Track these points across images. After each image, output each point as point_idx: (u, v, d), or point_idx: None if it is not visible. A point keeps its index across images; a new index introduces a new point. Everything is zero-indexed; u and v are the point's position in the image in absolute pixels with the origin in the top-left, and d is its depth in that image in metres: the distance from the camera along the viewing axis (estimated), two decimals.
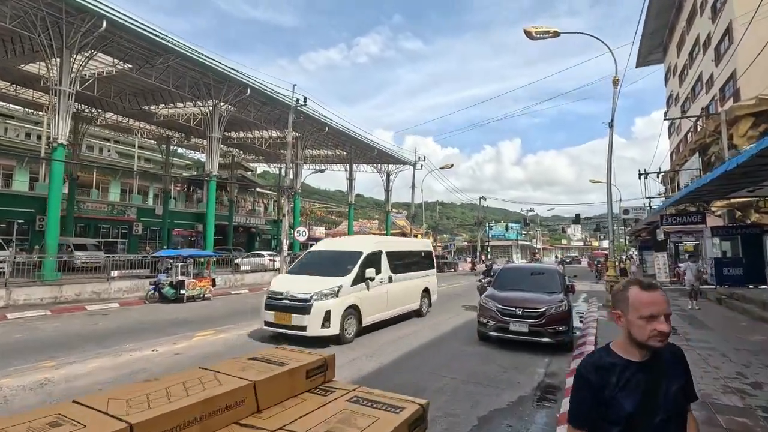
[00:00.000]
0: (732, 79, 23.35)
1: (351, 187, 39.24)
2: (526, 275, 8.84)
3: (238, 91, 24.07)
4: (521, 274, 9.02)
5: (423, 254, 11.89)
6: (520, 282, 8.53)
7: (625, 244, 58.31)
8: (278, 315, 7.81)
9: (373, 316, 8.81)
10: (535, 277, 8.64)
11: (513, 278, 8.79)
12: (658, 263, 20.13)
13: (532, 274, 8.87)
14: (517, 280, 8.67)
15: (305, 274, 8.73)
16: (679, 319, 10.45)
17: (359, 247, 9.29)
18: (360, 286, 8.44)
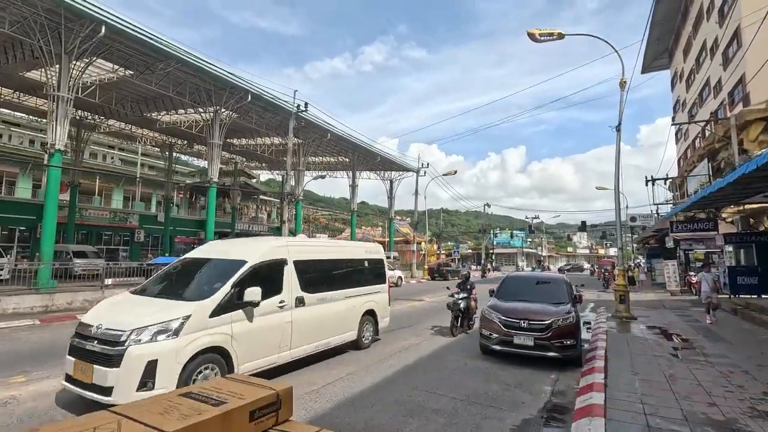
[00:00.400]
0: (741, 83, 22.86)
1: (354, 194, 38.91)
2: (532, 284, 8.39)
3: (239, 97, 23.90)
4: (526, 283, 8.56)
5: (367, 264, 8.72)
6: (525, 292, 8.07)
7: (632, 251, 57.43)
8: (78, 364, 4.76)
9: (260, 360, 5.78)
10: (541, 287, 8.19)
11: (518, 288, 8.33)
12: (668, 271, 19.52)
13: (537, 283, 8.42)
14: (522, 289, 8.21)
15: (151, 294, 5.88)
16: (693, 331, 9.91)
17: (245, 253, 6.22)
18: (234, 315, 5.46)
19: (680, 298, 18.10)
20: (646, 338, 8.96)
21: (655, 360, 7.01)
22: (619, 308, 12.06)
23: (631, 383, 5.70)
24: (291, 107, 23.81)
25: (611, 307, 12.99)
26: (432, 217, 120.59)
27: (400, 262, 40.40)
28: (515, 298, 7.85)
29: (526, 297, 7.81)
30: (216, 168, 24.24)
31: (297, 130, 30.76)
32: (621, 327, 10.54)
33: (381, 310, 8.74)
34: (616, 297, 12.19)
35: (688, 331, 9.86)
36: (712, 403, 4.88)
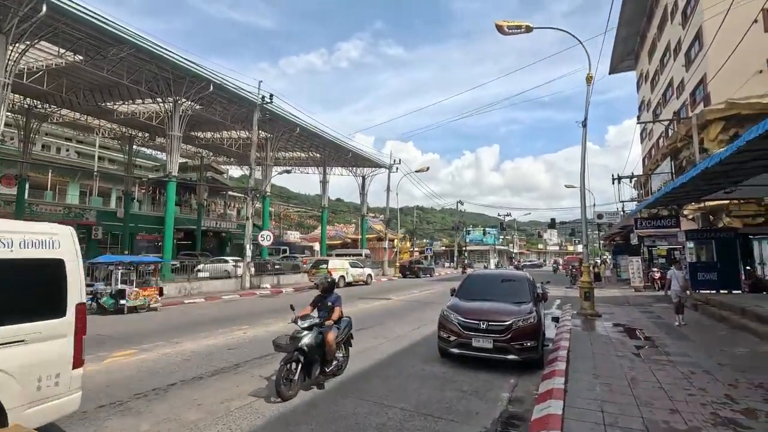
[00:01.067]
0: (702, 83, 23.45)
1: (324, 190, 38.09)
2: (494, 283, 8.02)
3: (200, 87, 22.73)
4: (489, 281, 8.18)
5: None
6: (488, 290, 7.69)
7: (599, 248, 58.95)
8: None
9: None
10: (504, 285, 7.83)
11: (480, 286, 7.94)
12: (632, 267, 19.79)
13: (501, 281, 8.05)
14: (484, 288, 7.83)
15: None
16: (656, 328, 9.82)
17: None
18: None
19: (644, 294, 18.34)
20: (610, 336, 8.76)
21: (617, 361, 6.74)
22: (584, 305, 11.94)
23: (592, 387, 5.37)
24: (255, 98, 22.83)
25: (577, 304, 12.87)
26: (408, 214, 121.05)
27: (372, 260, 39.92)
28: (477, 297, 7.45)
29: (488, 296, 7.42)
30: (175, 161, 23.01)
31: (264, 124, 29.72)
32: (585, 325, 10.36)
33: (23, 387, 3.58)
34: (581, 294, 12.06)
35: (651, 328, 9.76)
36: (674, 410, 4.58)
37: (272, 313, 12.55)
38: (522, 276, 8.07)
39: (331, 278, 6.84)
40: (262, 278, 22.72)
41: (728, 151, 6.11)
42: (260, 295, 18.80)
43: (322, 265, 22.47)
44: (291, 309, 6.16)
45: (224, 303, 16.07)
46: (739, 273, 13.18)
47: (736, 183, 9.78)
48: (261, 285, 21.96)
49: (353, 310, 13.43)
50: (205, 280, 19.18)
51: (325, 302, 6.38)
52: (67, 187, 39.16)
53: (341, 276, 22.56)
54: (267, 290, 20.29)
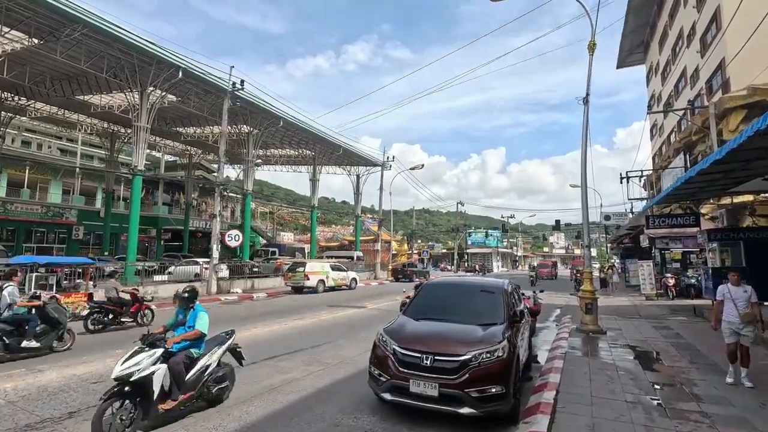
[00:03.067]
0: (720, 68, 21.19)
1: (314, 188, 36.18)
2: (459, 295, 5.94)
3: (169, 73, 20.90)
4: (451, 293, 6.07)
5: None
6: (448, 305, 5.64)
7: (607, 252, 56.37)
8: None
9: None
10: (471, 299, 5.75)
11: (439, 300, 5.88)
12: (642, 273, 17.56)
13: (467, 293, 5.97)
14: (443, 302, 5.77)
15: None
16: (677, 353, 7.66)
17: None
18: None
19: (656, 303, 16.11)
20: (617, 366, 6.64)
21: (627, 412, 4.66)
22: (585, 319, 9.81)
23: None
24: (225, 85, 20.94)
25: (578, 318, 10.73)
26: (408, 216, 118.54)
27: (364, 263, 37.87)
28: (432, 315, 5.40)
29: (447, 314, 5.37)
30: (141, 155, 21.14)
31: (245, 116, 27.91)
32: (585, 346, 8.24)
33: None
34: (582, 305, 9.93)
35: (670, 353, 7.61)
36: None
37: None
38: (497, 286, 5.97)
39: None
40: (234, 282, 20.76)
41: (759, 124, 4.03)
42: (223, 301, 16.84)
43: (299, 268, 20.48)
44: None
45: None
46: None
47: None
48: (231, 290, 20.00)
49: (309, 322, 11.42)
50: (162, 284, 17.24)
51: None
52: (49, 185, 37.59)
53: (320, 280, 20.54)
54: (235, 296, 18.32)
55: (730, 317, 6.02)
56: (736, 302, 6.03)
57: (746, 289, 6.17)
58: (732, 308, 6.05)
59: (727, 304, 6.13)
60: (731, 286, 6.29)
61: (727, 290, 6.24)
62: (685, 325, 10.64)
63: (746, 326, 5.86)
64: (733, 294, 6.17)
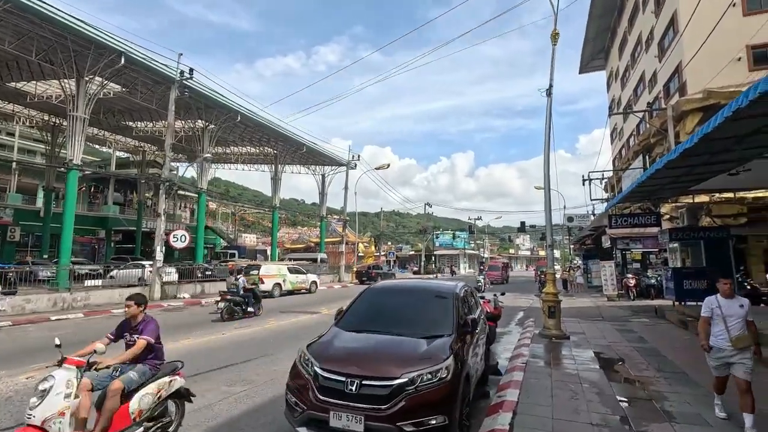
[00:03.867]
0: (677, 72, 21.60)
1: (276, 188, 34.71)
2: (404, 301, 5.07)
3: (109, 59, 19.12)
4: (396, 298, 5.19)
5: None
6: (390, 314, 4.78)
7: (570, 253, 57.62)
8: None
9: None
10: (417, 306, 4.91)
11: (379, 306, 5.00)
12: (605, 274, 17.44)
13: (413, 299, 5.10)
14: (386, 309, 4.90)
15: None
16: (642, 359, 7.14)
17: None
18: None
19: (618, 304, 15.96)
20: (581, 379, 5.98)
21: None
22: (548, 324, 9.22)
23: None
24: (173, 73, 19.41)
25: (541, 322, 10.16)
26: (376, 217, 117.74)
27: (328, 265, 36.73)
28: (369, 325, 4.51)
29: (387, 324, 4.50)
30: (77, 148, 19.22)
31: (200, 111, 26.27)
32: (548, 353, 7.60)
33: None
34: (544, 309, 9.34)
35: (636, 360, 7.07)
36: None
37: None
38: (448, 290, 5.15)
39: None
40: (182, 287, 19.21)
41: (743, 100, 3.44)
42: (166, 308, 15.37)
43: (253, 271, 19.15)
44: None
45: (88, 323, 12.47)
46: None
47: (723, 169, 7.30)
48: (178, 294, 18.46)
49: (251, 331, 10.32)
50: (95, 289, 15.52)
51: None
52: None
53: (276, 284, 19.33)
54: (182, 301, 16.84)
55: (720, 342, 4.33)
56: (727, 321, 4.31)
57: (742, 303, 4.42)
58: (722, 330, 4.32)
59: (717, 323, 4.40)
60: (722, 298, 4.53)
61: (717, 304, 4.47)
62: (648, 328, 10.28)
63: (740, 353, 4.22)
64: (724, 309, 4.39)
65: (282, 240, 63.87)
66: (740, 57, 19.53)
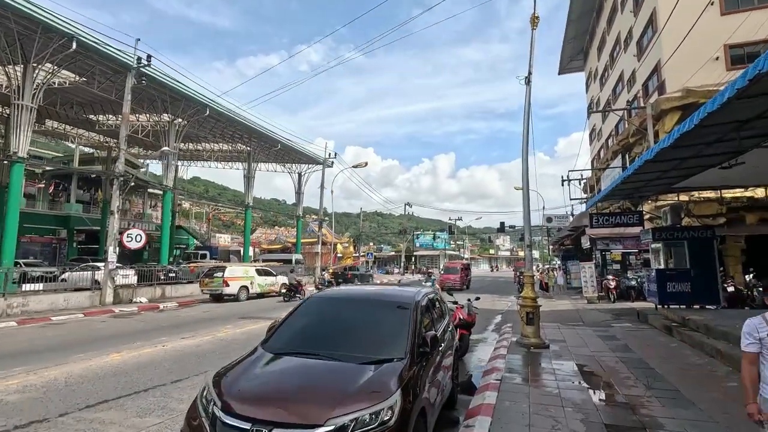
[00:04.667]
0: (656, 71, 21.38)
1: (249, 185, 33.36)
2: (350, 314, 4.12)
3: (60, 44, 17.61)
4: (341, 310, 4.23)
5: None
6: (331, 330, 3.85)
7: (549, 254, 57.82)
8: None
9: None
10: (366, 320, 3.97)
11: (319, 321, 4.06)
12: (584, 275, 16.92)
13: (362, 311, 4.16)
14: (326, 325, 3.97)
15: None
16: (628, 371, 6.41)
17: None
18: None
19: (598, 307, 15.42)
20: (563, 400, 5.16)
21: None
22: (526, 331, 8.44)
23: None
24: (129, 60, 18.03)
25: (519, 328, 9.38)
26: (365, 219, 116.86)
27: (304, 266, 35.55)
28: (301, 346, 3.56)
29: (325, 344, 3.57)
30: (22, 139, 17.63)
31: (166, 104, 24.79)
32: (526, 367, 6.79)
33: None
34: (522, 315, 8.56)
35: (623, 374, 6.32)
36: None
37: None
38: (405, 299, 4.23)
39: None
40: (140, 290, 17.83)
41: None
42: (116, 314, 14.06)
43: (217, 273, 17.95)
44: None
45: (18, 333, 11.15)
46: (716, 283, 10.32)
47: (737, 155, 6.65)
48: (134, 299, 17.09)
49: (198, 341, 9.19)
50: (35, 294, 14.06)
51: None
52: None
53: (242, 287, 18.14)
54: (136, 306, 15.51)
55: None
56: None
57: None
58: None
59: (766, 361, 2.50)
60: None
61: (766, 330, 2.50)
62: (632, 334, 9.64)
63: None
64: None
65: (259, 240, 62.14)
66: (718, 56, 19.40)
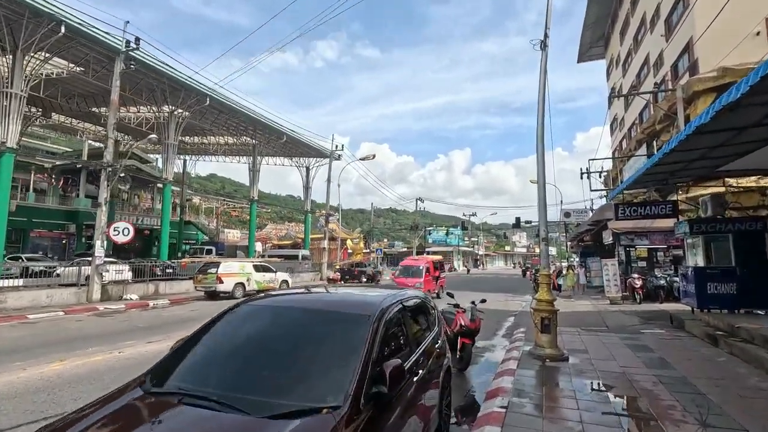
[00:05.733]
0: (687, 49, 19.53)
1: (254, 179, 32.52)
2: (280, 331, 2.85)
3: (48, 29, 16.85)
4: (269, 325, 2.95)
5: None
6: (242, 358, 2.63)
7: (566, 251, 55.68)
8: None
9: None
10: (296, 341, 2.72)
11: (233, 342, 2.83)
12: (607, 273, 15.38)
13: (296, 327, 2.89)
14: (240, 348, 2.74)
15: None
16: (671, 397, 5.05)
17: None
18: None
19: (622, 309, 13.91)
20: None
21: None
22: (541, 340, 7.12)
23: None
24: (118, 44, 17.13)
25: (533, 336, 8.05)
26: (380, 216, 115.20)
27: (311, 262, 34.60)
28: (198, 380, 2.39)
29: (229, 379, 2.38)
30: (12, 130, 16.91)
31: (166, 94, 23.99)
32: (540, 388, 5.49)
33: None
34: (536, 321, 7.23)
35: (666, 401, 4.97)
36: None
37: None
38: (365, 306, 2.99)
39: None
40: (132, 287, 17.04)
41: None
42: (101, 311, 13.21)
43: (211, 269, 17.01)
44: None
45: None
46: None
47: None
48: (125, 295, 16.29)
49: (167, 345, 8.12)
50: (14, 290, 13.27)
51: None
52: None
53: (238, 283, 17.16)
54: (124, 304, 14.65)
55: None
56: None
57: None
58: None
59: None
60: None
61: None
62: (667, 344, 8.20)
63: None
64: None
65: (269, 236, 61.61)
66: (759, 31, 17.51)
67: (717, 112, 4.25)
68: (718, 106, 4.20)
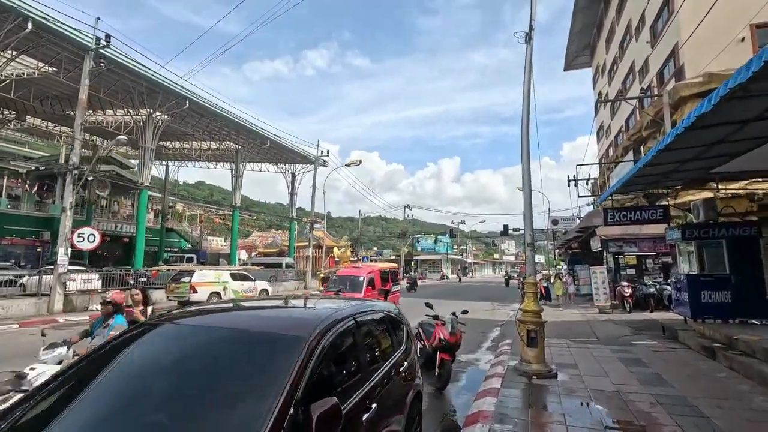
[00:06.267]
0: (673, 55, 19.44)
1: (236, 185, 31.65)
2: (186, 361, 2.20)
3: (15, 25, 16.02)
4: (173, 351, 2.28)
5: None
6: (128, 404, 1.94)
7: (554, 259, 55.59)
8: None
9: None
10: (205, 376, 2.05)
11: (120, 379, 2.14)
12: (596, 281, 14.93)
13: (208, 353, 2.22)
14: (131, 386, 2.06)
15: None
16: (672, 421, 4.48)
17: None
18: None
19: (612, 318, 13.44)
20: None
21: None
22: (527, 355, 6.53)
23: None
24: (87, 41, 16.37)
25: (518, 348, 7.45)
26: (369, 224, 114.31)
27: (296, 270, 33.72)
28: None
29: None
30: None
31: (143, 97, 23.17)
32: (525, 411, 4.88)
33: None
34: (522, 333, 6.65)
35: (664, 422, 4.43)
36: None
37: None
38: (296, 326, 2.36)
39: None
40: (98, 297, 16.06)
41: None
42: (61, 323, 12.30)
43: (184, 278, 16.17)
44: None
45: None
46: (765, 292, 8.34)
47: None
48: (90, 306, 15.35)
49: None
50: None
51: None
52: None
53: (213, 293, 16.32)
54: (88, 315, 13.72)
55: None
56: None
57: None
58: None
59: None
60: None
61: None
62: (662, 357, 7.67)
63: None
64: None
65: (255, 244, 60.49)
66: (744, 37, 17.45)
67: (721, 97, 3.75)
68: (723, 90, 3.69)
